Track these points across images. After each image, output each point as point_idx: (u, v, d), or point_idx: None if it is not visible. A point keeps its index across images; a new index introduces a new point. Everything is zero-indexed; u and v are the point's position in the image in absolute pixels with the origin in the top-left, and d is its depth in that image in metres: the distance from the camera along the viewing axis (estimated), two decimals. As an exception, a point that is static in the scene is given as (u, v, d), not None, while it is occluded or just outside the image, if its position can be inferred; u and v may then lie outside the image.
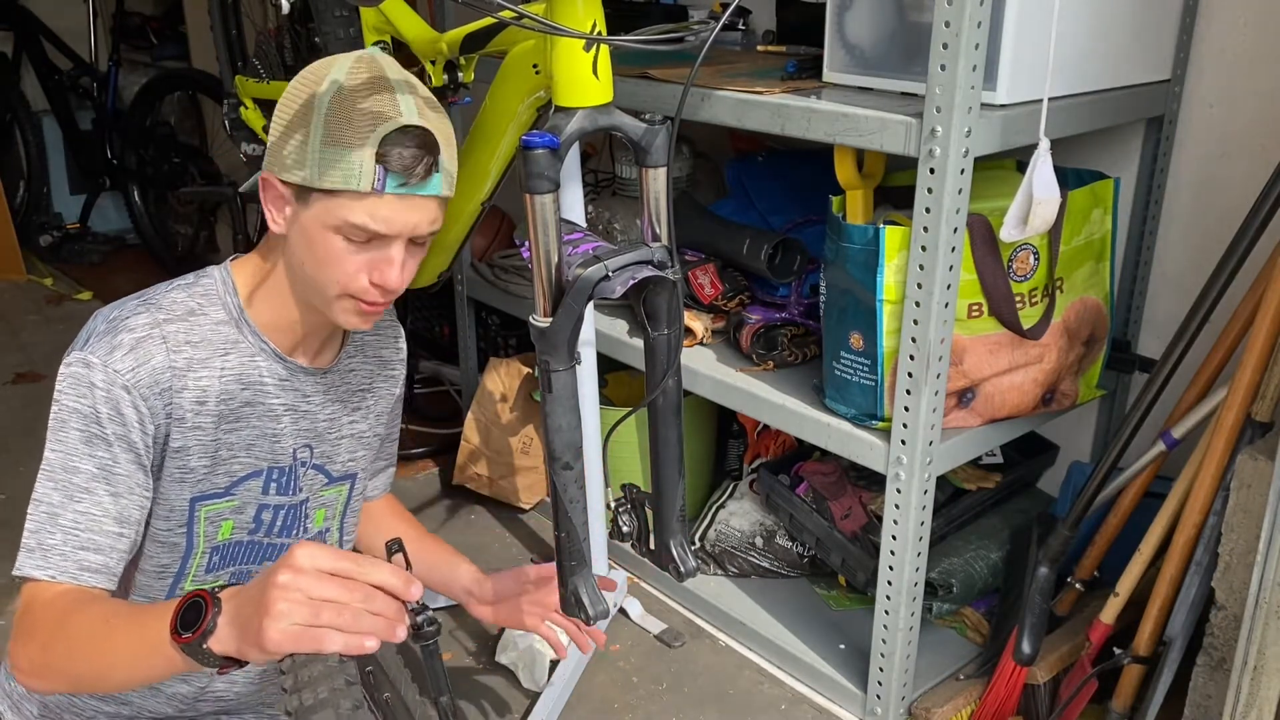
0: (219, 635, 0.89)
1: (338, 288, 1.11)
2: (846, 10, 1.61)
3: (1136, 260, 1.88)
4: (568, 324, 1.08)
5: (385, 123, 1.04)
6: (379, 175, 1.04)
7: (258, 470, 1.19)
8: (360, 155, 1.03)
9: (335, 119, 1.04)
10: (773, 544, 2.07)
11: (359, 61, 1.08)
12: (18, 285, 3.97)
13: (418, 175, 1.05)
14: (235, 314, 1.15)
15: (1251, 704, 1.33)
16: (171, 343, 1.09)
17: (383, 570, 0.88)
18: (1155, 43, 1.72)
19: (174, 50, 4.37)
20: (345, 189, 1.04)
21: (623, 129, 1.12)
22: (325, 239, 1.08)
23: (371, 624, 0.85)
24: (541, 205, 1.05)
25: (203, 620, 0.89)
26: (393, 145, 1.04)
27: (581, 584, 1.17)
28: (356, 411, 1.30)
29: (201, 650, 0.89)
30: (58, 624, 1.02)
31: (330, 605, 0.84)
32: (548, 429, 1.11)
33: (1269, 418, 1.46)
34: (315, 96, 1.06)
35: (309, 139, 1.05)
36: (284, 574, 0.84)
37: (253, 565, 1.24)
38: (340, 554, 0.87)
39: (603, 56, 1.11)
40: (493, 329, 2.69)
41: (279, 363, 1.18)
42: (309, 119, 1.05)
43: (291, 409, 1.20)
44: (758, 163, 2.16)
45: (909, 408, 1.54)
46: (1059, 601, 1.78)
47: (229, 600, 0.90)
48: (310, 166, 1.05)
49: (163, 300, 1.12)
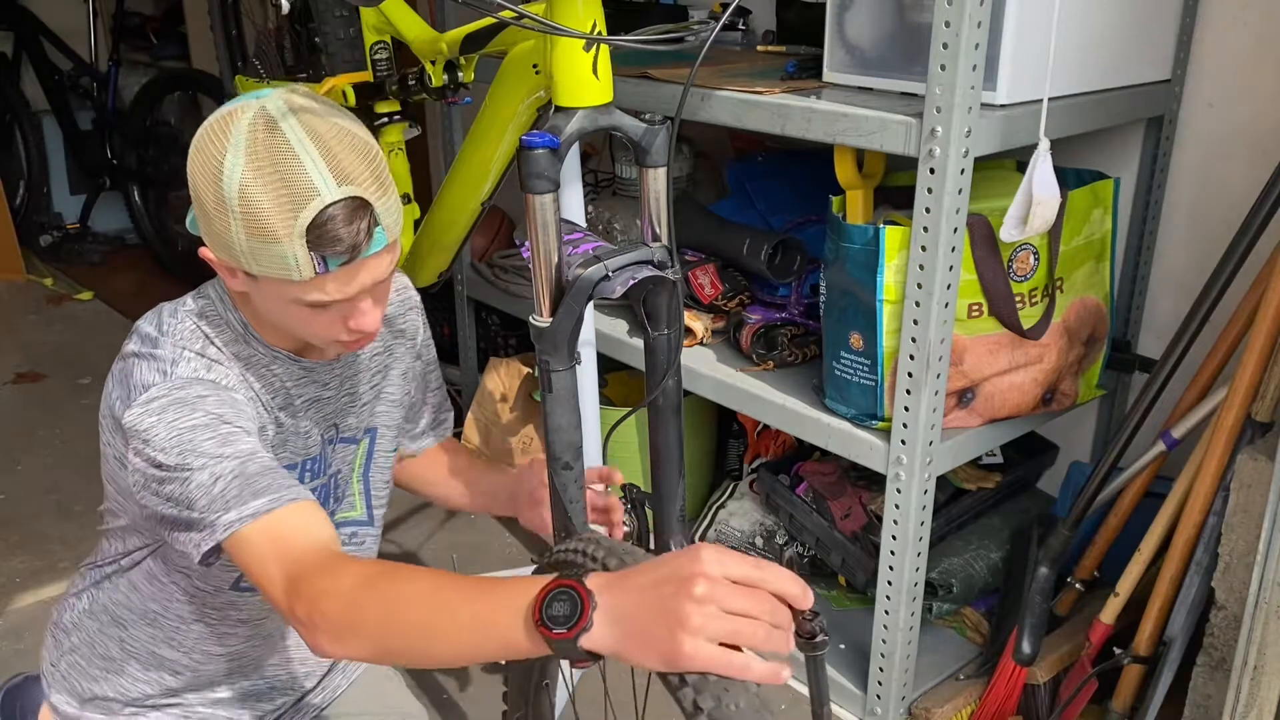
0: (593, 634, 0.80)
1: (316, 339, 1.11)
2: (846, 10, 1.61)
3: (1136, 260, 1.88)
4: (568, 324, 1.07)
5: (305, 208, 0.97)
6: (317, 262, 0.99)
7: (292, 464, 1.19)
8: (290, 248, 0.98)
9: (251, 215, 0.98)
10: (773, 544, 2.07)
11: (254, 131, 0.99)
12: (18, 285, 3.97)
13: (360, 246, 1.00)
14: (240, 330, 1.14)
15: (1251, 704, 1.33)
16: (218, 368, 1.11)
17: (783, 577, 0.80)
18: (1155, 43, 1.72)
19: (174, 50, 4.36)
20: (288, 279, 1.00)
21: (623, 129, 1.12)
22: (288, 308, 1.06)
23: (776, 640, 0.78)
24: (541, 205, 1.04)
25: (581, 617, 0.80)
26: (322, 230, 0.98)
27: (582, 584, 1.17)
28: (377, 375, 1.30)
29: (574, 647, 0.81)
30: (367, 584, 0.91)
31: (748, 621, 0.77)
32: (548, 429, 1.11)
33: (1269, 418, 1.46)
34: (222, 189, 0.98)
35: (231, 232, 0.99)
36: (701, 584, 0.76)
37: None
38: (743, 559, 0.80)
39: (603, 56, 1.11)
40: (493, 329, 2.69)
41: (295, 364, 1.18)
42: (225, 214, 0.99)
43: (314, 400, 1.21)
44: (758, 163, 2.16)
45: (909, 408, 1.53)
46: (1059, 601, 1.78)
47: (605, 593, 0.81)
48: (244, 258, 1.00)
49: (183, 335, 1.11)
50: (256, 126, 0.99)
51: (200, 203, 1.02)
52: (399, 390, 1.34)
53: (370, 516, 1.34)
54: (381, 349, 1.32)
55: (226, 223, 0.99)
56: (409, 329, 1.36)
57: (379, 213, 1.02)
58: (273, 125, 0.99)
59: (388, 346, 1.33)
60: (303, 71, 2.32)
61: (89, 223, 4.45)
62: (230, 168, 0.98)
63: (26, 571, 2.23)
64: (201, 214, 1.03)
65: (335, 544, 0.99)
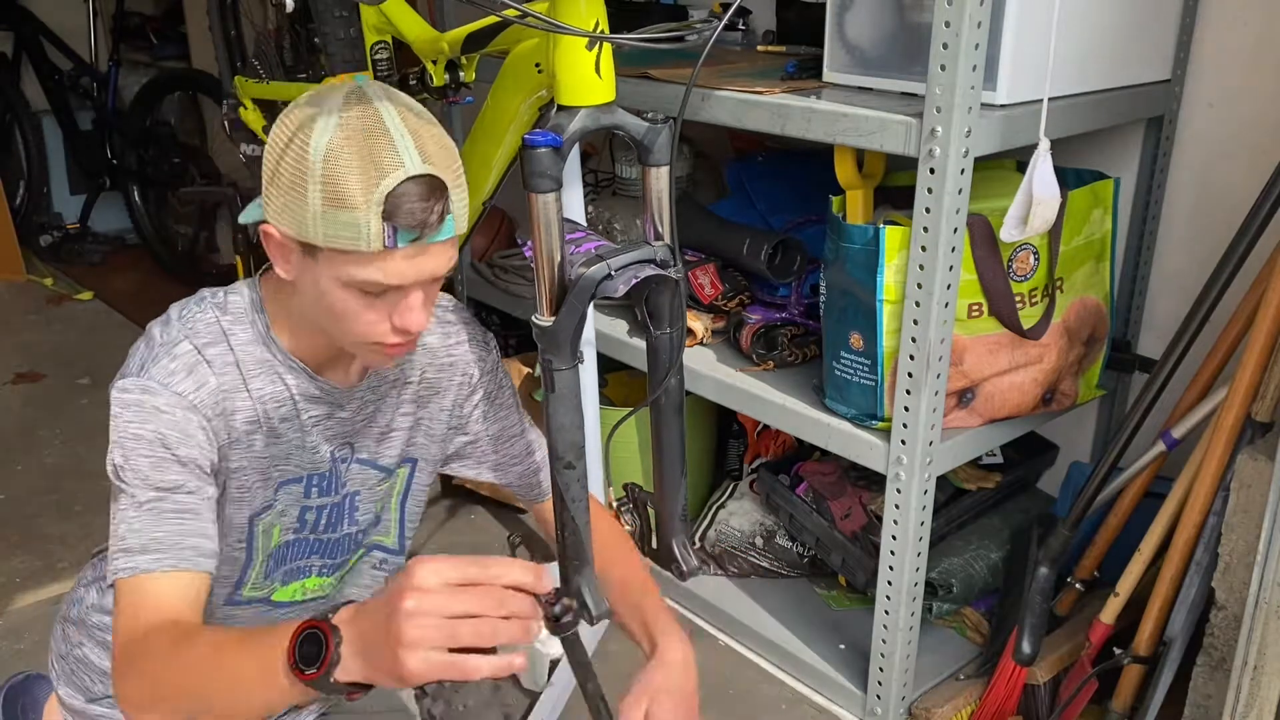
0: (345, 666, 0.83)
1: (359, 337, 1.07)
2: (846, 10, 1.61)
3: (1136, 260, 1.88)
4: (570, 323, 1.08)
5: (387, 177, 0.97)
6: (388, 233, 0.98)
7: (297, 477, 1.18)
8: (365, 216, 0.97)
9: (333, 179, 0.97)
10: (773, 544, 2.08)
11: (349, 104, 1.00)
12: (18, 285, 3.97)
13: (431, 226, 0.99)
14: (263, 333, 1.12)
15: (1251, 704, 1.33)
16: (215, 366, 1.09)
17: (510, 568, 0.82)
18: (1155, 43, 1.72)
19: (174, 50, 4.36)
20: (354, 249, 0.99)
21: (625, 128, 1.12)
22: (338, 294, 1.03)
23: (509, 631, 0.80)
24: (544, 204, 1.05)
25: (325, 654, 0.83)
26: (399, 200, 0.97)
27: (584, 584, 1.17)
28: (410, 404, 1.25)
29: (328, 683, 0.83)
30: (166, 658, 0.97)
31: (466, 622, 0.79)
32: (550, 428, 1.12)
33: (1269, 418, 1.46)
34: (308, 154, 0.99)
35: (307, 200, 0.99)
36: (410, 598, 0.78)
37: (300, 561, 1.24)
38: (463, 561, 0.82)
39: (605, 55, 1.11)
40: (493, 329, 2.68)
41: (310, 381, 1.15)
42: (304, 179, 0.99)
43: (324, 418, 1.18)
44: (758, 163, 2.16)
45: (909, 408, 1.54)
46: (1059, 601, 1.78)
47: (348, 625, 0.84)
48: (313, 228, 0.99)
49: (198, 325, 1.10)
50: (351, 99, 1.00)
51: (276, 172, 1.01)
52: (442, 424, 1.29)
53: (401, 545, 1.34)
54: (415, 379, 1.26)
55: (303, 188, 0.99)
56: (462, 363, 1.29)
57: (453, 201, 1.02)
58: (367, 100, 1.00)
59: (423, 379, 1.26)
60: (303, 72, 2.33)
61: (89, 223, 4.45)
62: (320, 132, 0.98)
63: (26, 571, 2.22)
64: (275, 183, 1.02)
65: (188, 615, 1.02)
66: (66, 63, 4.23)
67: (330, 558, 1.26)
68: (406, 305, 1.04)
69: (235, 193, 2.64)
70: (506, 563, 0.83)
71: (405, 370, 1.25)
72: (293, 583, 1.24)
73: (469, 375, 1.30)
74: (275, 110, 2.32)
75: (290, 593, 1.25)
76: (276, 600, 1.25)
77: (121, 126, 4.19)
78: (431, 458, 1.31)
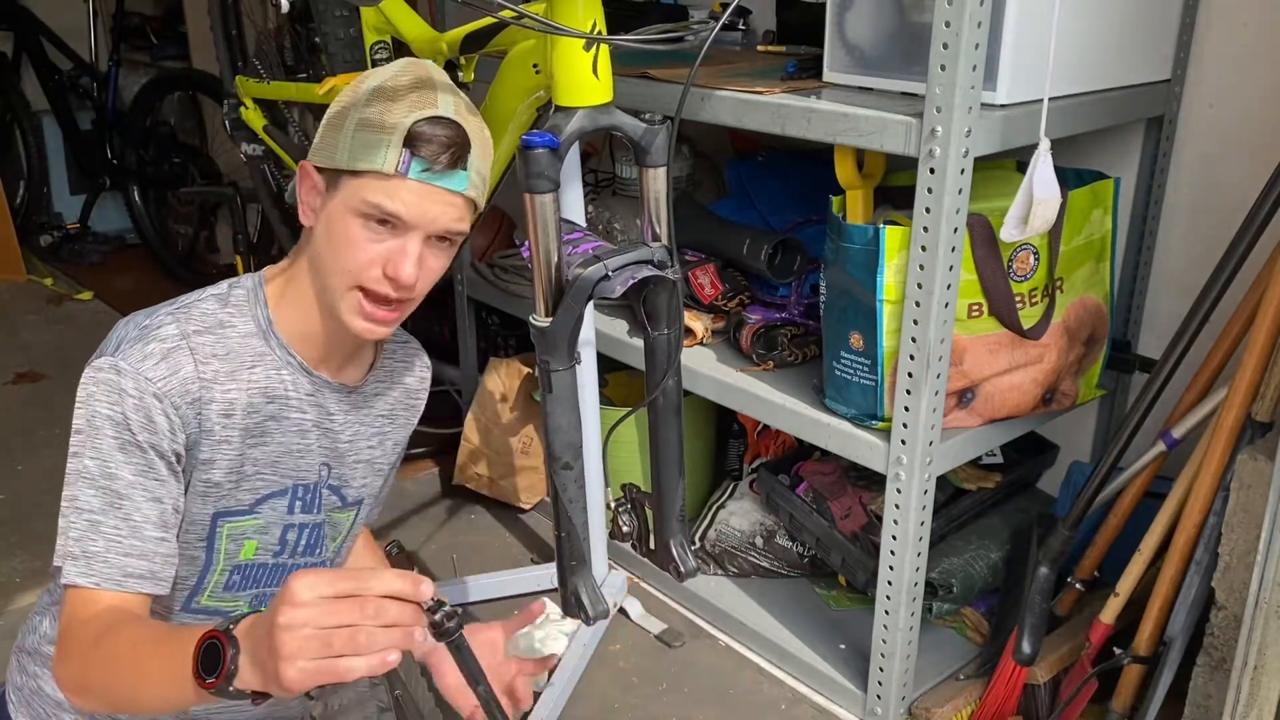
0: (242, 675, 0.86)
1: (349, 277, 1.10)
2: (846, 10, 1.61)
3: (1136, 260, 1.88)
4: (568, 324, 1.07)
5: (419, 110, 1.07)
6: (404, 158, 1.06)
7: (282, 489, 1.18)
8: (390, 138, 1.06)
9: (373, 107, 1.07)
10: (773, 544, 2.07)
11: (411, 62, 1.13)
12: (18, 285, 3.97)
13: (442, 163, 1.06)
14: (264, 325, 1.14)
15: (1251, 704, 1.33)
16: (199, 355, 1.09)
17: (387, 578, 0.85)
18: (1155, 43, 1.72)
19: (174, 50, 4.36)
20: (370, 169, 1.06)
21: (623, 129, 1.12)
22: (345, 223, 1.09)
23: (387, 638, 0.83)
24: (541, 205, 1.05)
25: (223, 664, 0.86)
26: (421, 132, 1.06)
27: (581, 584, 1.17)
28: (376, 437, 1.29)
29: (229, 691, 0.87)
30: (93, 645, 1.01)
31: (342, 631, 0.81)
32: (548, 429, 1.11)
33: (1269, 418, 1.46)
34: (360, 89, 1.10)
35: (345, 125, 1.08)
36: (284, 613, 0.82)
37: (274, 588, 1.23)
38: (339, 574, 0.85)
39: (603, 56, 1.11)
40: (493, 329, 2.68)
41: (305, 376, 1.17)
42: (349, 110, 1.09)
43: (317, 424, 1.19)
44: (758, 163, 2.16)
45: (909, 408, 1.53)
46: (1059, 601, 1.78)
47: (245, 636, 0.87)
48: (343, 150, 1.08)
49: (194, 311, 1.12)
50: (411, 64, 1.13)
51: (328, 117, 1.12)
52: (386, 463, 1.33)
53: None
54: (388, 414, 1.30)
55: (345, 117, 1.09)
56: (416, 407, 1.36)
57: (473, 161, 1.09)
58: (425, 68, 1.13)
59: (393, 415, 1.31)
60: (303, 72, 2.32)
61: (89, 223, 4.45)
62: (378, 77, 1.11)
63: (26, 571, 2.22)
64: (325, 123, 1.12)
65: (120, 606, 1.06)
66: (66, 63, 4.23)
67: None
68: (402, 251, 1.09)
69: (235, 193, 2.64)
70: (381, 572, 0.86)
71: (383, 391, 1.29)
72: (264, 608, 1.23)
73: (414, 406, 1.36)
74: (275, 110, 2.32)
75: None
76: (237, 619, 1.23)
77: (121, 126, 4.19)
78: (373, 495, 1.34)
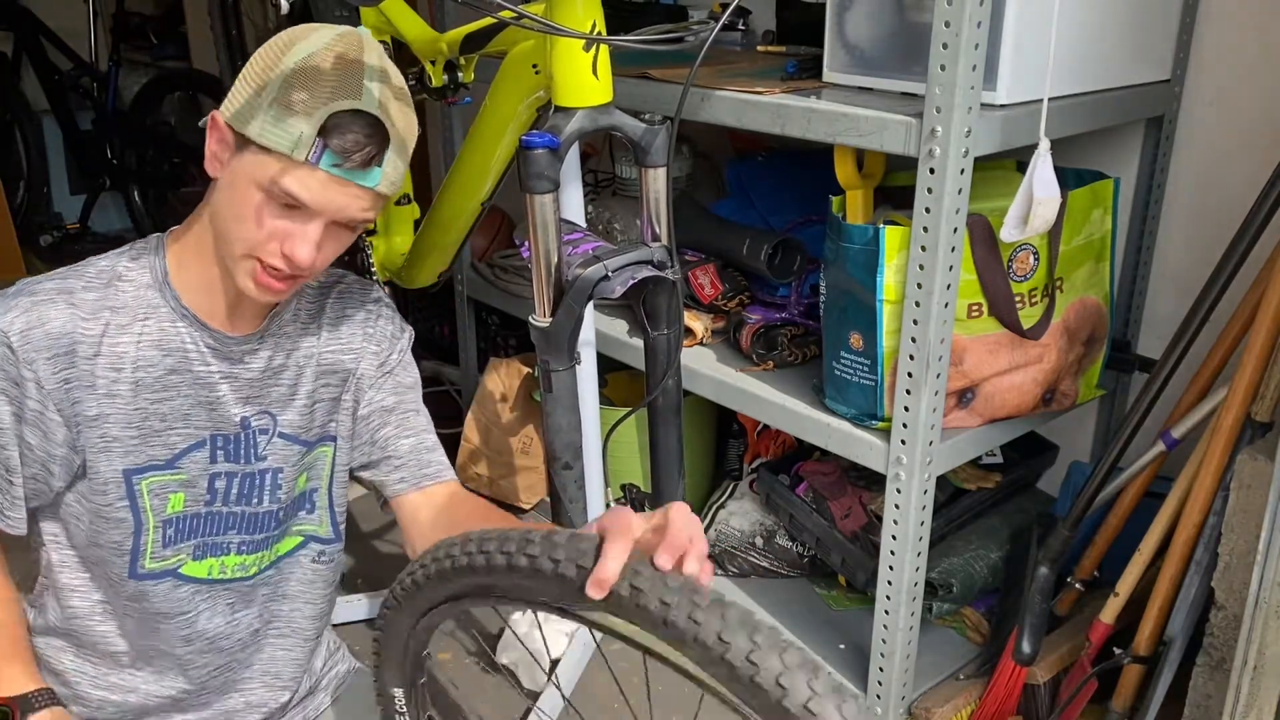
0: None
1: (245, 246, 1.08)
2: (846, 10, 1.61)
3: (1136, 260, 1.88)
4: (567, 324, 1.08)
5: (340, 100, 1.02)
6: (316, 148, 1.02)
7: (200, 440, 1.16)
8: (305, 124, 1.02)
9: (294, 82, 1.02)
10: (773, 544, 2.07)
11: (344, 36, 1.06)
12: (18, 285, 3.97)
13: (355, 162, 1.03)
14: (160, 278, 1.14)
15: (1251, 704, 1.33)
16: (83, 309, 1.09)
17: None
18: (1155, 43, 1.72)
19: (174, 50, 4.36)
20: (281, 151, 1.02)
21: (622, 129, 1.12)
22: (249, 193, 1.05)
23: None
24: (541, 205, 1.05)
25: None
26: (340, 125, 1.02)
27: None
28: (331, 375, 1.25)
29: None
30: None
31: None
32: (548, 429, 1.11)
33: (1269, 418, 1.46)
34: (285, 55, 1.04)
35: (263, 93, 1.03)
36: None
37: (216, 537, 1.21)
38: None
39: (602, 57, 1.11)
40: (493, 329, 2.69)
41: (202, 330, 1.15)
42: (270, 74, 1.04)
43: (229, 377, 1.17)
44: (758, 163, 2.16)
45: (909, 408, 1.53)
46: (1059, 601, 1.78)
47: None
48: (257, 120, 1.03)
49: (89, 269, 1.13)
50: (349, 35, 1.07)
51: (252, 65, 1.06)
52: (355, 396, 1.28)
53: (337, 533, 1.32)
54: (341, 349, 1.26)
55: (265, 82, 1.03)
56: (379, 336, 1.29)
57: (390, 160, 1.05)
58: (359, 43, 1.06)
59: (354, 350, 1.26)
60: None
61: (89, 223, 4.45)
62: (313, 43, 1.04)
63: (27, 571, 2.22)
64: (244, 76, 1.06)
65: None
66: (66, 63, 4.23)
67: (249, 534, 1.23)
68: (302, 233, 1.06)
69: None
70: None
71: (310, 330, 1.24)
72: (208, 558, 1.22)
73: (382, 355, 1.29)
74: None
75: (204, 569, 1.22)
76: (187, 574, 1.21)
77: (121, 126, 4.19)
78: (346, 434, 1.30)
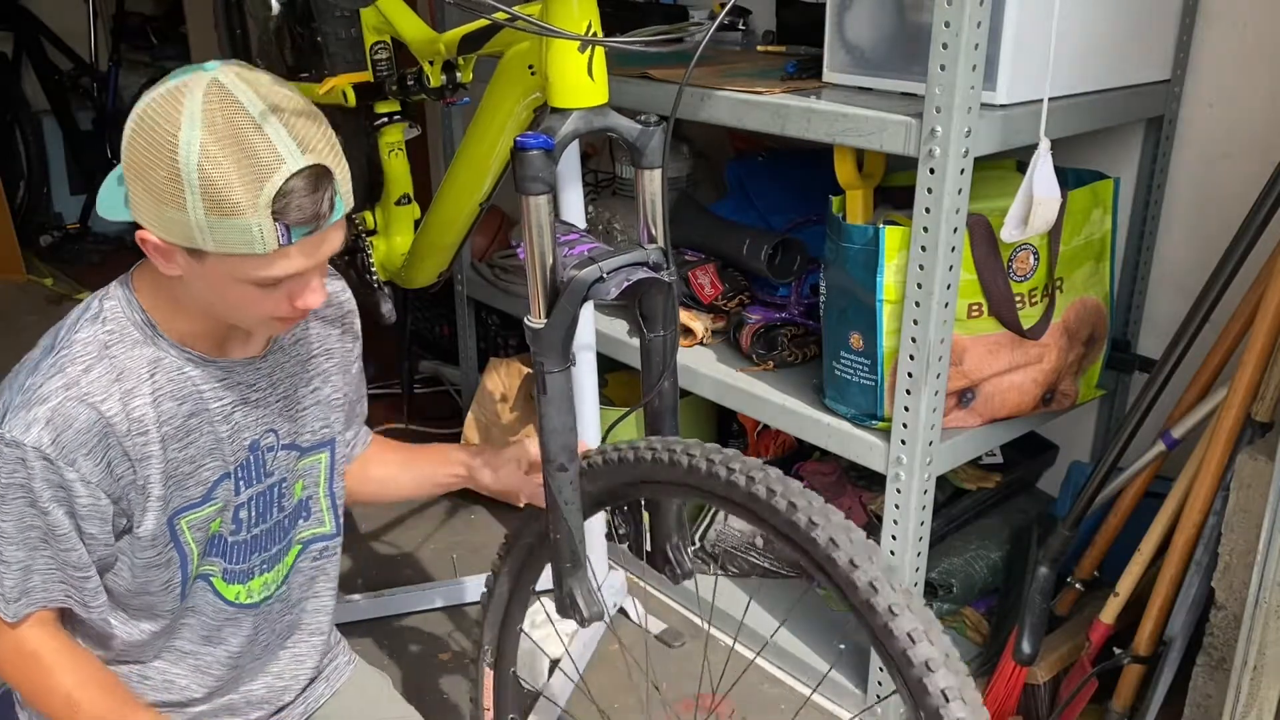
0: None
1: (257, 319, 1.08)
2: (846, 10, 1.60)
3: (1136, 260, 1.87)
4: (562, 326, 1.07)
5: (272, 177, 0.95)
6: (281, 233, 0.97)
7: (226, 472, 1.17)
8: (256, 219, 0.95)
9: (213, 188, 0.94)
10: (773, 544, 2.07)
11: (210, 101, 0.96)
12: (18, 285, 3.97)
13: (319, 216, 0.99)
14: (148, 333, 1.09)
15: (1251, 704, 1.32)
16: (96, 393, 1.05)
17: None
18: (1155, 43, 1.71)
19: (174, 50, 4.36)
20: (249, 253, 0.97)
21: (618, 130, 1.12)
22: (239, 288, 1.02)
23: None
24: (536, 206, 1.04)
25: None
26: (288, 199, 0.96)
27: (576, 586, 1.17)
28: (317, 378, 1.26)
29: None
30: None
31: None
32: (543, 431, 1.11)
33: (1269, 418, 1.45)
34: (179, 162, 0.95)
35: (188, 211, 0.95)
36: None
37: (242, 564, 1.23)
38: None
39: (598, 58, 1.10)
40: (493, 329, 2.68)
41: (209, 366, 1.13)
42: (180, 189, 0.95)
43: (240, 403, 1.16)
44: (758, 163, 2.16)
45: (909, 408, 1.53)
46: (1059, 601, 1.78)
47: None
48: (200, 235, 0.97)
49: (74, 348, 1.06)
50: (211, 98, 0.96)
51: (145, 181, 0.98)
52: (341, 395, 1.30)
53: (338, 528, 1.34)
54: (321, 351, 1.27)
55: (181, 199, 0.95)
56: (349, 332, 1.31)
57: (338, 181, 1.01)
58: (228, 96, 0.96)
59: (328, 349, 1.28)
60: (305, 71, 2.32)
61: (89, 223, 4.45)
62: (187, 142, 0.94)
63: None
64: (146, 193, 0.98)
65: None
66: (66, 63, 4.24)
67: (265, 550, 1.25)
68: (307, 288, 1.06)
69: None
70: None
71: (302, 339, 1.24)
72: (236, 584, 1.23)
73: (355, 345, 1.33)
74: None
75: (235, 593, 1.24)
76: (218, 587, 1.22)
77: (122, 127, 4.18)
78: (339, 430, 1.31)
